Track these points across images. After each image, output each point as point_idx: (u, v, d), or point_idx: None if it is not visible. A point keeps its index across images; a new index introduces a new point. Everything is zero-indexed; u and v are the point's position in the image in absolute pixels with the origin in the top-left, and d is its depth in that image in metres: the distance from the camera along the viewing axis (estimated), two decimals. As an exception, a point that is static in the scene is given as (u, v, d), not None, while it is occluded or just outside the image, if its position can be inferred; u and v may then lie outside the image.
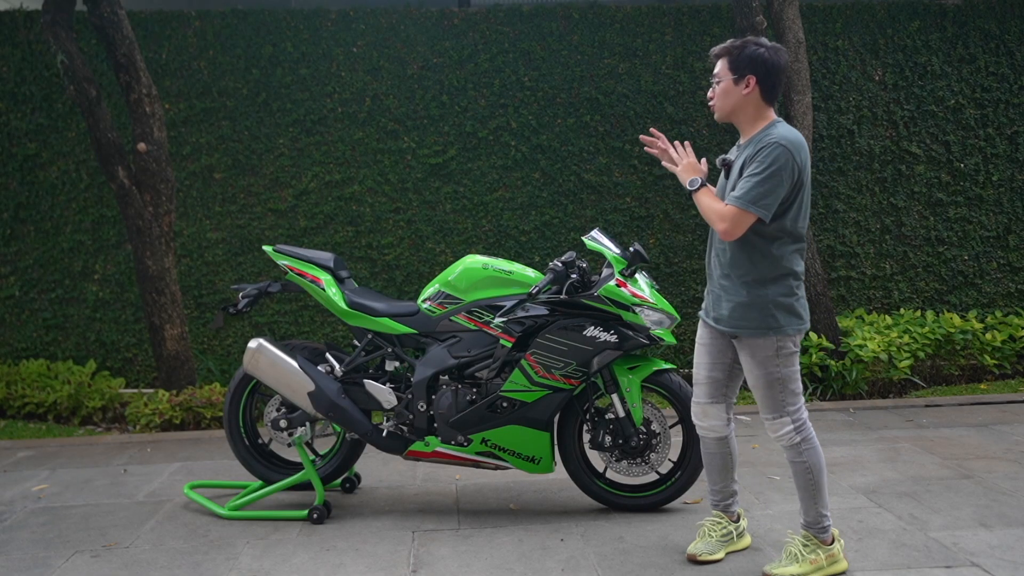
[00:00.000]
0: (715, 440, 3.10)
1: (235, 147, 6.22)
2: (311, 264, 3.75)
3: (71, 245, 6.17)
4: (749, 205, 2.72)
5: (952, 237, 6.54)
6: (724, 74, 2.85)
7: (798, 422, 2.89)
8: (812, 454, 2.90)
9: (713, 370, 3.04)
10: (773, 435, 2.93)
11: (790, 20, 5.65)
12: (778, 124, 2.84)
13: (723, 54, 2.86)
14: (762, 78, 2.81)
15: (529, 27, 6.35)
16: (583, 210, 6.37)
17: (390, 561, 3.18)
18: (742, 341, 2.88)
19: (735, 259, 2.86)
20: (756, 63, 2.80)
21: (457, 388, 3.53)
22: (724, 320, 2.91)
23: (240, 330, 6.27)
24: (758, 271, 2.82)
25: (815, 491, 2.90)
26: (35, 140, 6.14)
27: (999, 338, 5.92)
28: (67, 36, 5.25)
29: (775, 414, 2.89)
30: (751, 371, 2.89)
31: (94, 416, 5.56)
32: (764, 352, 2.84)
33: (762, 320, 2.82)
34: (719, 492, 3.17)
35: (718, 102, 2.88)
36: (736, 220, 2.75)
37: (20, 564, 3.25)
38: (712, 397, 3.07)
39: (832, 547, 2.93)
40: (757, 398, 2.92)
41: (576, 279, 3.42)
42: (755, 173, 2.73)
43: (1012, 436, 4.66)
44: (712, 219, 2.80)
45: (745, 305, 2.83)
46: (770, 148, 2.73)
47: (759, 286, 2.83)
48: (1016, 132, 6.54)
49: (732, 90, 2.84)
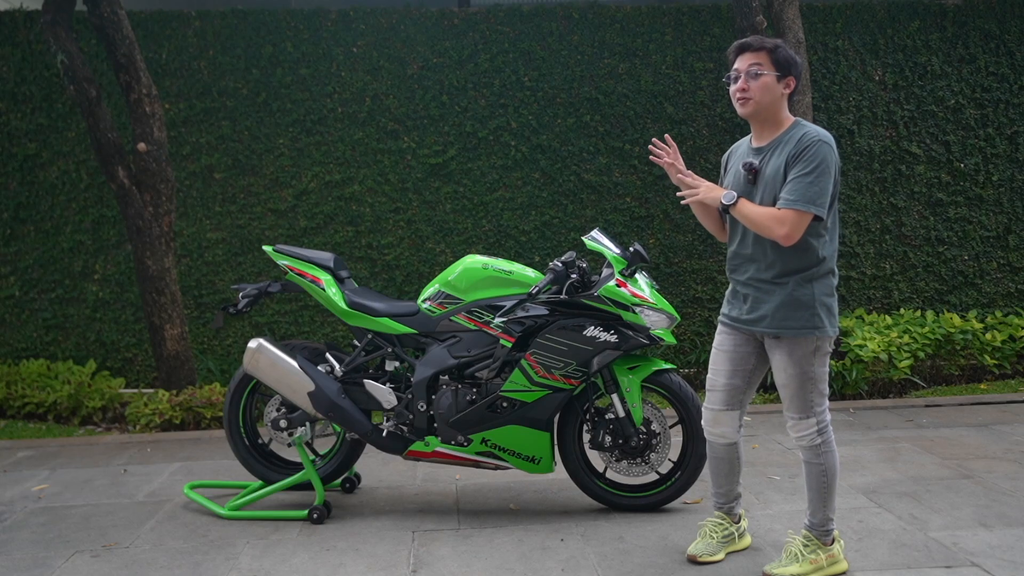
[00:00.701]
0: (724, 446, 3.08)
1: (235, 147, 6.22)
2: (311, 264, 3.75)
3: (71, 245, 6.17)
4: (808, 205, 2.66)
5: (952, 237, 6.54)
6: (767, 68, 2.77)
7: (822, 423, 2.86)
8: (830, 457, 2.87)
9: (733, 377, 2.99)
10: (795, 435, 2.89)
11: (790, 20, 5.65)
12: (804, 123, 2.82)
13: (762, 47, 2.78)
14: (798, 81, 2.82)
15: (529, 27, 6.35)
16: (583, 210, 6.37)
17: (390, 561, 3.18)
18: (782, 340, 2.82)
19: (782, 258, 2.79)
20: (795, 66, 2.80)
21: (457, 388, 3.53)
22: (766, 321, 2.83)
23: (240, 330, 6.27)
24: (806, 270, 2.77)
25: (827, 494, 2.88)
26: (35, 140, 6.14)
27: (999, 338, 5.92)
28: (67, 36, 5.25)
29: (803, 414, 2.85)
30: (785, 369, 2.83)
31: (94, 416, 5.56)
32: (803, 350, 2.79)
33: (808, 320, 2.77)
34: (723, 495, 3.15)
35: (758, 95, 2.77)
36: (796, 222, 2.68)
37: (20, 564, 3.25)
38: (728, 405, 3.02)
39: (832, 548, 2.93)
40: (786, 397, 2.86)
41: (576, 279, 3.42)
42: (806, 173, 2.67)
43: (1012, 436, 4.66)
44: (767, 225, 2.71)
45: (791, 304, 2.78)
46: (815, 146, 2.69)
47: (807, 284, 2.78)
48: (1016, 132, 6.54)
49: (775, 86, 2.77)
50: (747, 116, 2.84)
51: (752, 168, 2.83)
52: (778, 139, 2.81)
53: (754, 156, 2.86)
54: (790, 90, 2.81)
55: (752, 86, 2.77)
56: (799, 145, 2.72)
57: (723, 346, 3.01)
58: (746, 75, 2.78)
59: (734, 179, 2.94)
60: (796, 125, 2.82)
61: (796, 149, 2.72)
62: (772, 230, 2.70)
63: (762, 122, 2.84)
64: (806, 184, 2.67)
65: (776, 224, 2.69)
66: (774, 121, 2.83)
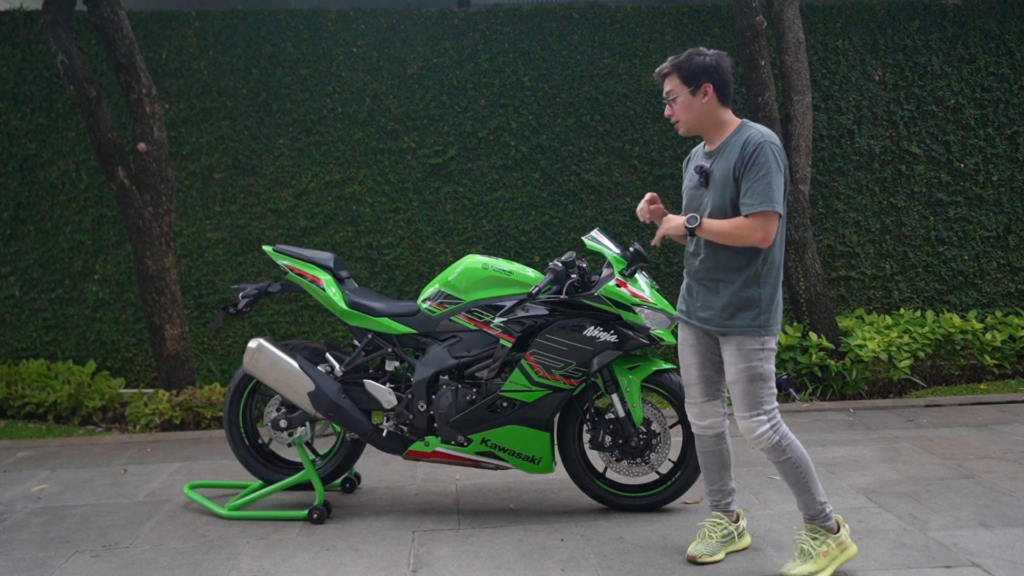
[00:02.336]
0: (712, 438, 3.11)
1: (235, 147, 6.22)
2: (311, 264, 3.75)
3: (71, 245, 6.18)
4: (773, 205, 2.73)
5: (952, 237, 6.54)
6: (679, 88, 2.88)
7: (773, 420, 2.88)
8: (793, 448, 2.88)
9: (704, 368, 3.04)
10: (750, 436, 2.89)
11: (790, 20, 5.65)
12: (748, 124, 2.88)
13: (671, 71, 2.90)
14: (716, 83, 2.86)
15: (529, 27, 6.35)
16: (583, 210, 6.37)
17: (390, 561, 3.18)
18: (729, 338, 2.88)
19: (729, 258, 2.85)
20: (708, 71, 2.85)
21: (457, 388, 3.53)
22: (714, 320, 2.90)
23: (240, 330, 6.27)
24: (753, 269, 2.83)
25: (808, 483, 2.89)
26: (35, 140, 6.14)
27: (999, 338, 5.92)
28: (67, 36, 5.25)
29: (753, 411, 2.87)
30: (735, 365, 2.88)
31: (94, 416, 5.56)
32: (751, 346, 2.84)
33: (754, 318, 2.83)
34: (717, 491, 3.17)
35: (681, 117, 2.90)
36: (767, 224, 2.74)
37: (20, 564, 3.25)
38: (707, 395, 3.07)
39: (839, 534, 2.92)
40: (735, 394, 2.90)
41: (576, 279, 3.42)
42: (759, 176, 2.74)
43: (1012, 436, 4.66)
44: (743, 235, 2.76)
45: (737, 303, 2.84)
46: (760, 149, 2.76)
47: (753, 284, 2.84)
48: (1016, 132, 6.54)
49: (692, 102, 2.87)
50: (686, 135, 2.95)
51: (703, 171, 2.91)
52: (724, 142, 2.88)
53: (706, 160, 2.94)
54: (709, 96, 2.85)
55: (674, 110, 2.91)
56: (744, 151, 2.78)
57: (687, 341, 3.07)
58: (667, 102, 2.93)
59: (688, 182, 3.03)
60: (740, 128, 2.88)
61: (742, 155, 2.78)
62: (749, 237, 2.76)
63: (705, 132, 2.93)
64: (764, 186, 2.73)
65: (751, 231, 2.75)
66: (714, 127, 2.91)
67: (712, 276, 2.90)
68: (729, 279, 2.86)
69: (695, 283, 2.99)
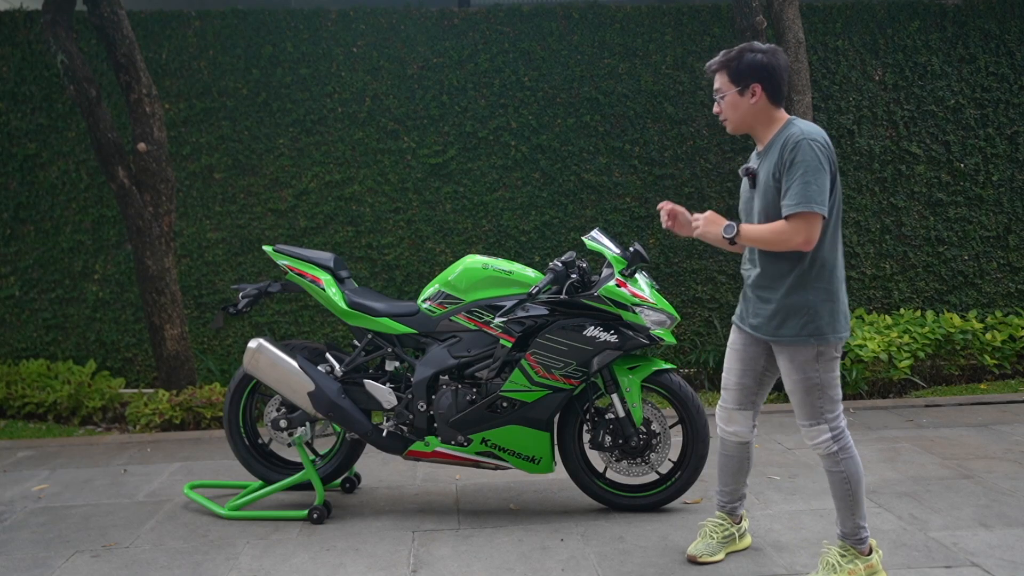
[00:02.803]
0: (736, 444, 3.05)
1: (235, 147, 6.22)
2: (311, 264, 3.75)
3: (71, 245, 6.17)
4: (811, 205, 2.58)
5: (952, 237, 6.54)
6: (727, 87, 2.78)
7: (836, 430, 2.77)
8: (850, 464, 2.78)
9: (744, 376, 2.96)
10: (810, 443, 2.81)
11: (790, 20, 5.65)
12: (794, 122, 2.75)
13: (720, 67, 2.79)
14: (766, 83, 2.74)
15: (529, 27, 6.35)
16: (583, 210, 6.37)
17: (390, 561, 3.18)
18: (782, 347, 2.78)
19: (771, 263, 2.76)
20: (757, 70, 2.73)
21: (457, 388, 3.53)
22: (762, 327, 2.81)
23: (240, 330, 6.27)
24: (799, 274, 2.71)
25: (853, 502, 2.79)
26: (35, 140, 6.14)
27: (999, 338, 5.92)
28: (67, 36, 5.25)
29: (812, 421, 2.78)
30: (788, 375, 2.78)
31: (94, 416, 5.56)
32: (804, 356, 2.73)
33: (803, 326, 2.71)
34: (728, 494, 3.13)
35: (729, 116, 2.81)
36: (807, 226, 2.61)
37: (20, 564, 3.25)
38: (740, 404, 3.00)
39: (871, 558, 2.82)
40: (794, 403, 2.81)
41: (576, 279, 3.42)
42: (797, 175, 2.62)
43: (1012, 436, 4.66)
44: (783, 239, 2.64)
45: (784, 311, 2.73)
46: (799, 147, 2.63)
47: (800, 290, 2.71)
48: (1016, 132, 6.54)
49: (739, 102, 2.77)
50: (734, 133, 2.87)
51: (750, 172, 2.82)
52: (770, 142, 2.78)
53: (757, 160, 2.85)
54: (758, 96, 2.75)
55: (723, 108, 2.83)
56: (783, 150, 2.68)
57: (734, 345, 2.99)
58: (716, 99, 2.85)
59: (742, 185, 2.95)
60: (784, 127, 2.76)
61: (780, 154, 2.68)
62: (790, 241, 2.63)
63: (754, 132, 2.84)
64: (802, 185, 2.60)
65: (791, 234, 2.62)
66: (763, 127, 2.81)
67: (759, 283, 2.81)
68: (775, 286, 2.75)
69: (748, 290, 2.90)
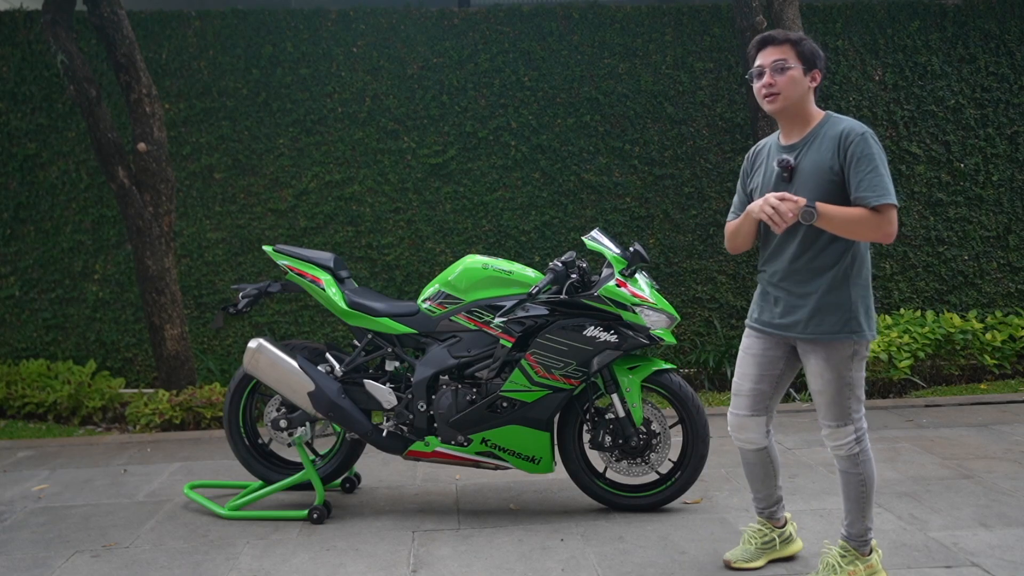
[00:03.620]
0: (753, 452, 2.97)
1: (235, 147, 6.22)
2: (311, 264, 3.75)
3: (71, 245, 6.18)
4: (893, 197, 2.53)
5: (952, 237, 6.54)
6: (795, 61, 2.65)
7: (860, 431, 2.73)
8: (868, 466, 2.74)
9: (760, 382, 2.87)
10: (832, 443, 2.75)
11: (790, 20, 5.64)
12: (837, 116, 2.71)
13: (786, 40, 2.67)
14: (823, 73, 2.72)
15: (529, 27, 6.35)
16: (583, 210, 6.37)
17: (390, 561, 3.18)
18: (817, 345, 2.69)
19: (814, 258, 2.67)
20: (820, 58, 2.69)
21: (457, 388, 3.53)
22: (800, 326, 2.70)
23: (240, 330, 6.27)
24: (841, 268, 2.65)
25: (865, 504, 2.75)
26: (35, 140, 6.14)
27: (999, 338, 5.92)
28: (67, 36, 5.25)
29: (840, 422, 2.71)
30: (822, 375, 2.69)
31: (94, 416, 5.56)
32: (840, 354, 2.66)
33: (845, 323, 2.64)
34: (762, 500, 3.04)
35: (786, 90, 2.65)
36: (894, 218, 2.55)
37: (20, 564, 3.25)
38: (754, 410, 2.90)
39: (871, 558, 2.79)
40: (822, 404, 2.73)
41: (576, 279, 3.42)
42: (870, 168, 2.55)
43: (1012, 436, 4.66)
44: (870, 227, 2.55)
45: (826, 307, 2.66)
46: (863, 138, 2.58)
47: (842, 286, 2.66)
48: (1016, 132, 6.54)
49: (802, 80, 2.66)
50: (775, 112, 2.71)
51: (788, 165, 2.68)
52: (812, 133, 2.69)
53: (786, 153, 2.73)
54: (816, 83, 2.69)
55: (778, 81, 2.65)
56: (844, 142, 2.60)
57: (751, 350, 2.88)
58: (771, 70, 2.66)
59: (765, 177, 2.79)
60: (829, 119, 2.70)
61: (841, 147, 2.60)
62: (878, 230, 2.54)
63: (791, 118, 2.72)
64: (880, 177, 2.54)
65: (880, 224, 2.54)
66: (804, 116, 2.71)
67: (797, 278, 2.70)
68: (813, 282, 2.67)
69: (774, 288, 2.79)
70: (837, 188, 2.62)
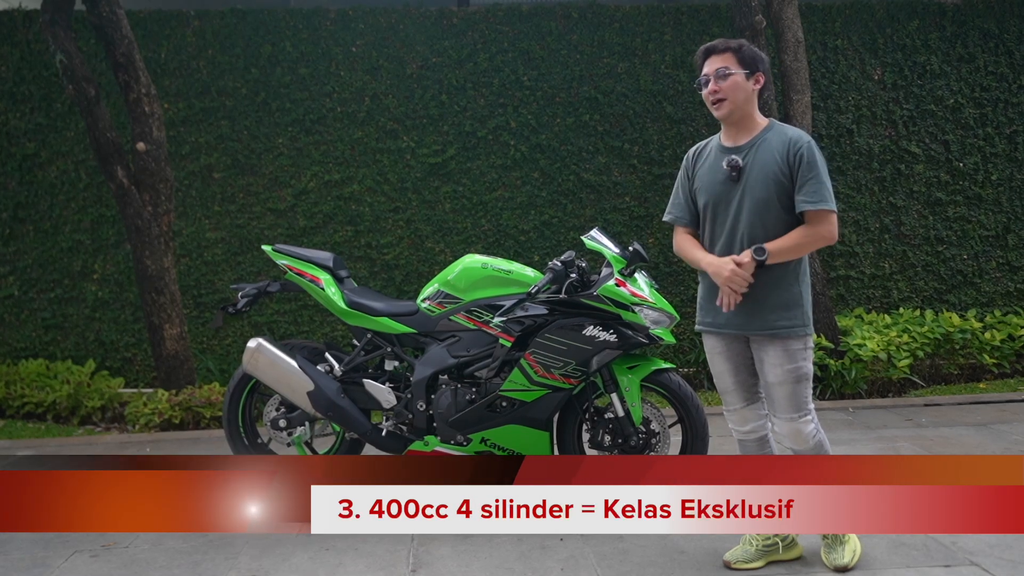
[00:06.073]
0: (755, 442, 3.03)
1: (234, 147, 6.22)
2: (310, 264, 3.75)
3: (70, 245, 6.17)
4: (832, 203, 2.76)
5: (951, 236, 6.54)
6: (735, 67, 2.80)
7: (815, 420, 2.88)
8: (825, 443, 2.91)
9: (739, 373, 2.97)
10: (796, 437, 2.86)
11: (789, 19, 5.65)
12: (781, 124, 2.89)
13: (727, 49, 2.82)
14: (766, 76, 2.86)
15: (528, 27, 6.35)
16: (583, 210, 6.37)
17: (390, 561, 3.18)
18: (776, 340, 2.82)
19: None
20: (762, 62, 2.85)
21: (456, 387, 3.53)
22: (752, 324, 2.83)
23: (240, 330, 6.27)
24: (792, 267, 2.83)
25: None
26: (34, 140, 6.14)
27: (998, 337, 5.92)
28: (66, 35, 5.24)
29: (801, 412, 2.84)
30: (780, 366, 2.81)
31: (93, 416, 5.56)
32: (796, 346, 2.82)
33: (799, 317, 2.82)
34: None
35: (730, 95, 2.80)
36: (833, 221, 2.78)
37: (20, 564, 3.25)
38: (746, 400, 2.99)
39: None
40: (781, 396, 2.84)
41: (575, 278, 3.42)
42: (813, 175, 2.76)
43: (1011, 435, 4.67)
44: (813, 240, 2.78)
45: (783, 304, 2.81)
46: (808, 146, 2.78)
47: (795, 283, 2.83)
48: (1015, 131, 6.54)
49: (744, 84, 2.81)
50: (723, 118, 2.86)
51: (737, 165, 2.83)
52: (757, 138, 2.84)
53: (733, 154, 2.87)
54: (759, 86, 2.85)
55: (723, 87, 2.81)
56: (790, 148, 2.78)
57: (716, 349, 3.00)
58: (715, 77, 2.82)
59: (710, 176, 2.92)
60: (774, 126, 2.87)
61: (787, 153, 2.78)
62: (827, 239, 2.78)
63: (737, 122, 2.87)
64: (821, 184, 2.75)
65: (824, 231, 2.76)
66: (749, 120, 2.86)
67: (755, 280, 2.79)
68: (771, 282, 2.80)
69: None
70: (783, 189, 2.80)
